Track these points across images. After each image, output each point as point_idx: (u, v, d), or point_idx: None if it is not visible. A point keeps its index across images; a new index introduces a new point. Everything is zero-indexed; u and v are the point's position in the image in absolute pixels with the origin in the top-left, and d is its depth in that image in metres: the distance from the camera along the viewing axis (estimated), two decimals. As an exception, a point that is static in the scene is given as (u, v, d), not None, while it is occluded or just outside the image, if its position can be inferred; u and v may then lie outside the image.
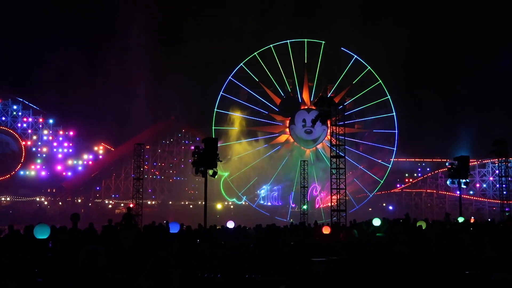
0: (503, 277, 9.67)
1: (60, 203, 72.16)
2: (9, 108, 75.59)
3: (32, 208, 70.01)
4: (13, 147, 74.44)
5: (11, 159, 73.79)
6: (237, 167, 64.45)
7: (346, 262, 7.90)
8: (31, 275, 8.41)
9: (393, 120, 65.23)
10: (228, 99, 64.09)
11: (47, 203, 72.18)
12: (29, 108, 76.84)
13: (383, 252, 9.38)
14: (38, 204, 71.56)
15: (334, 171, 29.98)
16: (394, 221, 26.49)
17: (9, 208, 69.32)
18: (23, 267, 6.80)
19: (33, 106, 76.95)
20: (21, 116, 76.13)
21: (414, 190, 78.08)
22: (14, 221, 36.16)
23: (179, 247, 15.96)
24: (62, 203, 72.25)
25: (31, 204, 71.15)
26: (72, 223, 17.66)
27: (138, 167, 36.36)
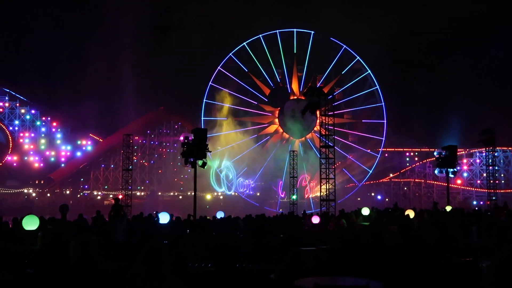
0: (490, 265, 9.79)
1: (48, 194, 71.77)
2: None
3: (20, 199, 69.59)
4: (0, 138, 73.75)
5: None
6: (227, 158, 64.43)
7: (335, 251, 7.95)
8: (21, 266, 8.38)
9: (382, 110, 65.53)
10: (218, 90, 63.94)
11: (35, 194, 71.76)
12: (16, 99, 76.08)
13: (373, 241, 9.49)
14: (26, 195, 71.10)
15: (323, 161, 30.08)
16: (383, 210, 26.73)
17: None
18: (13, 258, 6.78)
19: (20, 97, 76.19)
20: (8, 107, 75.37)
21: (403, 179, 78.61)
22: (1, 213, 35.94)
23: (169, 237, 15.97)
24: (50, 194, 71.87)
25: (19, 195, 70.70)
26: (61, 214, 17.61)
27: (127, 158, 36.28)
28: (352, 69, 66.31)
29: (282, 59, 65.96)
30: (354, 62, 65.77)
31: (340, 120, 62.41)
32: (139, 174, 76.34)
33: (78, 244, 5.21)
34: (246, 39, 64.48)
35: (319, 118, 32.54)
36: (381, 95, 65.29)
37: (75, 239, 5.28)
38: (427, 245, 8.34)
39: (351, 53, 65.64)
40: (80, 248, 5.19)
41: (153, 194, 74.93)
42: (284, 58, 66.03)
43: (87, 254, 5.18)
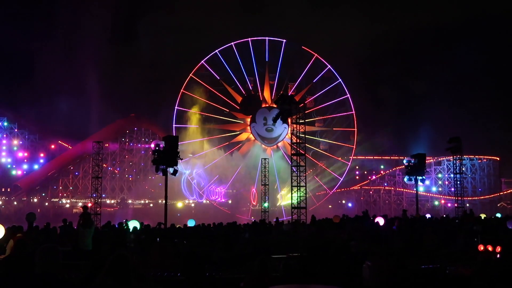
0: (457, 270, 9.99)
1: (15, 202, 70.17)
2: (-40, 104, 72.89)
3: (-15, 208, 67.91)
4: (-35, 145, 71.87)
5: (-37, 158, 71.24)
6: (198, 165, 64.17)
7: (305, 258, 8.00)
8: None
9: (352, 119, 66.30)
10: (189, 97, 63.66)
11: (1, 202, 70.07)
12: (-18, 104, 74.31)
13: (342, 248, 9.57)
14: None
15: (295, 168, 30.21)
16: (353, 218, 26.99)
17: (-40, 208, 67.02)
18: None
19: (-14, 103, 74.42)
20: (-27, 114, 73.54)
21: (373, 187, 79.58)
22: (-34, 221, 35.00)
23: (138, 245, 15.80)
24: (17, 202, 70.27)
25: (-16, 204, 68.98)
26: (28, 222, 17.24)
27: (97, 165, 35.76)
28: (324, 77, 66.97)
29: (254, 67, 66.18)
30: (325, 71, 66.45)
31: (312, 128, 62.95)
32: (109, 182, 75.29)
33: (43, 253, 5.13)
34: (218, 47, 64.56)
35: (291, 126, 32.70)
36: (351, 103, 66.13)
37: (40, 248, 5.20)
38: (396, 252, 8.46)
39: (322, 62, 66.36)
40: (45, 257, 5.11)
41: (123, 202, 73.99)
42: (256, 66, 66.27)
43: (52, 263, 5.10)
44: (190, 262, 7.21)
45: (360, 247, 9.20)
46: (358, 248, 8.95)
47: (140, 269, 5.74)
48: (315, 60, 66.14)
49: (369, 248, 10.08)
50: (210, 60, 64.49)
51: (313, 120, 66.31)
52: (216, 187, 65.58)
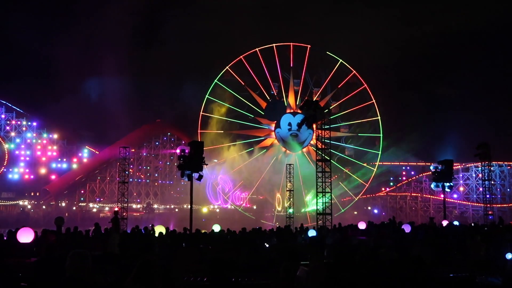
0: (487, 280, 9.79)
1: (44, 206, 71.40)
2: (-9, 110, 74.73)
3: (15, 212, 69.24)
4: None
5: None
6: (223, 171, 64.36)
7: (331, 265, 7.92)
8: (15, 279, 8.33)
9: (378, 124, 65.69)
10: (214, 102, 64.02)
11: (31, 206, 71.38)
12: (13, 110, 75.94)
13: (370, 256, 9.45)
14: (21, 207, 70.71)
15: (320, 174, 30.06)
16: (380, 224, 26.68)
17: (-9, 212, 68.50)
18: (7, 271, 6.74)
19: (16, 108, 76.06)
20: (4, 119, 75.20)
21: (399, 193, 78.58)
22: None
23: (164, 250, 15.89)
24: (45, 206, 71.49)
25: (14, 208, 70.32)
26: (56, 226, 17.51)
27: (123, 170, 36.18)
28: (348, 82, 66.58)
29: (278, 73, 66.23)
30: (350, 76, 66.09)
31: (337, 134, 62.59)
32: (135, 187, 76.14)
33: (74, 258, 5.21)
34: (243, 53, 64.82)
35: (316, 132, 32.56)
36: (377, 109, 65.56)
37: (71, 252, 5.28)
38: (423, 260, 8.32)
39: (347, 67, 66.01)
40: (76, 262, 5.19)
41: (149, 207, 74.69)
42: (281, 72, 66.31)
43: (82, 268, 5.18)
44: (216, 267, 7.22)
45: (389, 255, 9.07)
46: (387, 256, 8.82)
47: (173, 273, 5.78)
48: (340, 66, 65.86)
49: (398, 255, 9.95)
50: (235, 65, 64.80)
51: (338, 125, 65.93)
52: (241, 192, 65.68)
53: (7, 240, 15.84)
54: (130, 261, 9.36)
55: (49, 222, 37.15)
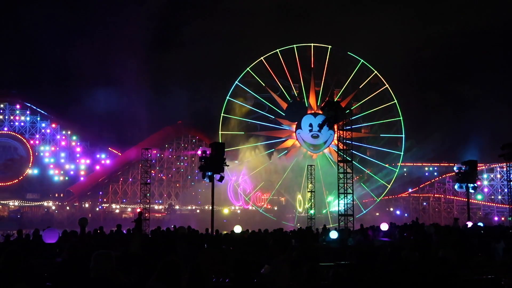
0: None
1: (68, 207, 72.46)
2: (17, 113, 76.11)
3: (40, 212, 70.42)
4: (21, 152, 74.89)
5: (19, 164, 74.24)
6: (244, 172, 64.39)
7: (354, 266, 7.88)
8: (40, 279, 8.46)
9: (400, 125, 65.00)
10: (235, 104, 64.12)
11: (55, 207, 72.51)
12: (37, 113, 77.30)
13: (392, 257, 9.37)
14: (46, 208, 71.91)
15: (341, 175, 29.86)
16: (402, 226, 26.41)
17: (17, 212, 69.77)
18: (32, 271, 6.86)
19: (41, 111, 77.42)
20: (29, 121, 76.56)
21: (422, 194, 77.75)
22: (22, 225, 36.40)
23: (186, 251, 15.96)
24: (69, 207, 72.55)
25: (38, 208, 71.54)
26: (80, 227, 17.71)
27: (145, 171, 36.46)
28: (370, 83, 66.08)
29: (299, 74, 66.01)
30: (371, 76, 65.59)
31: (358, 135, 62.07)
32: (157, 188, 76.76)
33: (99, 258, 5.28)
34: (264, 54, 64.80)
35: (337, 133, 32.40)
36: (399, 109, 64.91)
37: (95, 253, 5.35)
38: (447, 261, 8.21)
39: (368, 67, 65.52)
40: (100, 262, 5.25)
41: (171, 208, 75.22)
42: (301, 73, 66.07)
43: (107, 268, 5.24)
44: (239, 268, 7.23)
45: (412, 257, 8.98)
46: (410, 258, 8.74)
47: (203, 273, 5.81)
48: (361, 66, 65.40)
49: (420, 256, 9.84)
50: (256, 67, 64.79)
51: (359, 126, 65.45)
52: (262, 193, 65.68)
53: (33, 240, 16.11)
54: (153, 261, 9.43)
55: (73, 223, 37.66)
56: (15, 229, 21.41)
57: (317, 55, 66.02)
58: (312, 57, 66.01)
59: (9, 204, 70.75)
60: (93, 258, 5.31)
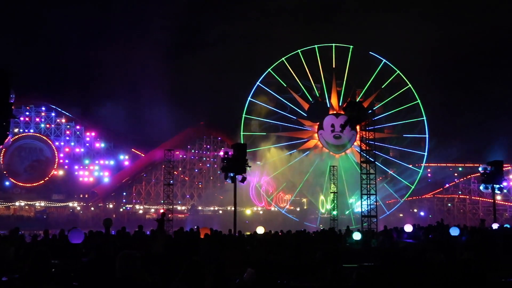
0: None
1: (92, 208, 73.40)
2: (43, 115, 77.41)
3: (65, 213, 71.52)
4: (47, 153, 76.09)
5: (45, 165, 75.45)
6: (266, 173, 64.36)
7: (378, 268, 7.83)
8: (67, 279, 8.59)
9: (423, 125, 64.14)
10: (257, 105, 64.13)
11: (80, 208, 73.52)
12: (62, 115, 78.50)
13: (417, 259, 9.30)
14: (71, 209, 72.98)
15: (364, 176, 29.66)
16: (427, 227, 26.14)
17: (43, 213, 70.95)
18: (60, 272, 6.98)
19: (65, 113, 78.60)
20: (54, 123, 77.80)
21: (446, 195, 76.75)
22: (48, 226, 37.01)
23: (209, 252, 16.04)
24: (94, 208, 73.48)
25: (64, 209, 72.64)
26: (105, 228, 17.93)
27: (168, 172, 36.76)
28: (392, 82, 65.34)
29: (320, 74, 65.71)
30: (394, 76, 64.89)
31: (381, 135, 61.33)
32: (179, 189, 77.26)
33: (124, 259, 5.34)
34: (285, 54, 64.71)
35: (359, 133, 32.14)
36: (422, 109, 64.10)
37: (121, 254, 5.41)
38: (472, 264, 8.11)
39: (391, 67, 64.86)
40: (126, 262, 5.31)
41: (193, 208, 75.64)
42: (323, 73, 65.73)
43: (133, 268, 5.30)
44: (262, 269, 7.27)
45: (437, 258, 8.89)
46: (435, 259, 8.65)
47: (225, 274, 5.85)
48: (384, 65, 64.78)
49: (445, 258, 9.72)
50: (277, 67, 64.72)
51: (382, 126, 64.75)
52: (284, 194, 65.58)
53: (59, 240, 16.37)
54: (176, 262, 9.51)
55: (98, 223, 38.18)
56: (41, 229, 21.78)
57: (338, 55, 65.63)
58: (333, 57, 65.66)
59: (35, 204, 71.97)
60: (119, 258, 5.37)
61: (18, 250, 14.00)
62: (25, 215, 69.66)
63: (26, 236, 20.29)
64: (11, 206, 71.34)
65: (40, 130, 76.69)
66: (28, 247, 15.17)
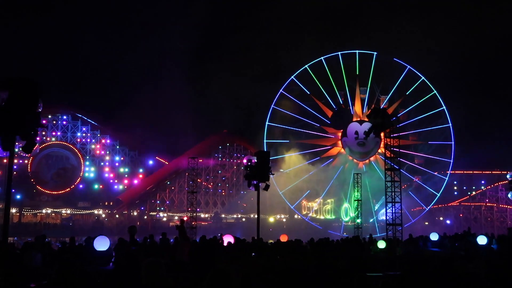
0: None
1: (117, 215, 74.18)
2: (69, 123, 78.72)
3: (90, 220, 72.45)
4: (73, 161, 77.29)
5: (71, 173, 76.62)
6: (289, 181, 64.14)
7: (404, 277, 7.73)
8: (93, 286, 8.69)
9: (449, 131, 63.19)
10: (280, 112, 64.07)
11: (105, 215, 74.38)
12: (88, 123, 79.73)
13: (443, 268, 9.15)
14: (96, 216, 73.88)
15: (389, 184, 29.37)
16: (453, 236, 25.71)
17: (69, 220, 72.01)
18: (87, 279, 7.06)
19: (91, 121, 79.81)
20: (80, 132, 79.04)
21: (473, 203, 75.41)
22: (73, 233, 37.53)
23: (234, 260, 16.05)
24: (118, 215, 74.25)
25: (89, 216, 73.60)
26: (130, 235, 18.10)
27: (192, 180, 36.95)
28: (417, 89, 64.57)
29: (344, 81, 65.39)
30: (419, 82, 64.16)
31: (406, 142, 60.76)
32: (203, 196, 77.56)
33: (149, 266, 5.38)
34: (308, 62, 64.58)
35: (384, 140, 31.89)
36: (448, 115, 63.17)
37: (146, 261, 5.46)
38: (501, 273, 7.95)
39: (415, 73, 64.14)
40: (151, 270, 5.36)
41: (216, 216, 75.85)
42: (347, 80, 65.39)
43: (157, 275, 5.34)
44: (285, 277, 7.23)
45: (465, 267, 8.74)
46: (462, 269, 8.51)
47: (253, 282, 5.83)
48: (408, 72, 64.10)
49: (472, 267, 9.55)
50: (300, 75, 64.62)
51: (407, 133, 64.07)
52: (308, 202, 65.29)
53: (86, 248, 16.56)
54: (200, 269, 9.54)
55: (122, 231, 38.57)
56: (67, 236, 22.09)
57: (362, 62, 65.24)
58: (357, 64, 65.30)
59: (61, 212, 73.08)
60: (144, 266, 5.42)
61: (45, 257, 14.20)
62: (51, 222, 70.79)
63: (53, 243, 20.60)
64: (38, 214, 72.58)
65: (66, 138, 77.96)
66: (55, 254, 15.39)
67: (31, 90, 11.87)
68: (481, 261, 12.66)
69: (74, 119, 79.14)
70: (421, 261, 10.08)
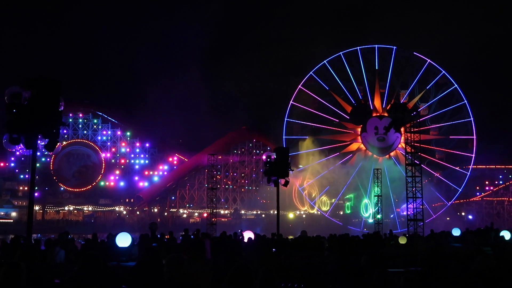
0: None
1: (138, 212, 74.93)
2: (89, 122, 79.65)
3: (112, 217, 73.32)
4: (94, 159, 78.24)
5: (92, 171, 77.60)
6: (309, 176, 64.01)
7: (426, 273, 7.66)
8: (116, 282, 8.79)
9: (471, 126, 62.31)
10: (299, 108, 63.90)
11: (126, 212, 75.18)
12: (108, 121, 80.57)
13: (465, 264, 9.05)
14: (117, 213, 74.73)
15: (410, 179, 29.13)
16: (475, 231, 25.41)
17: (91, 217, 72.96)
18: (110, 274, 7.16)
19: (111, 119, 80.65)
20: (101, 130, 79.94)
21: (496, 198, 74.38)
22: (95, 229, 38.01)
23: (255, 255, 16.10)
24: (139, 212, 74.99)
25: (111, 213, 74.47)
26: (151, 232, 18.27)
27: (212, 177, 37.12)
28: (438, 83, 63.83)
29: (363, 76, 64.90)
30: (439, 76, 63.37)
31: (426, 137, 60.04)
32: (222, 193, 77.84)
33: (171, 262, 5.44)
34: (327, 57, 64.24)
35: (404, 135, 31.61)
36: (469, 109, 62.29)
37: (168, 257, 5.52)
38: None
39: (436, 67, 63.36)
40: (173, 265, 5.41)
41: (236, 212, 76.08)
42: (366, 75, 64.89)
43: (180, 271, 5.39)
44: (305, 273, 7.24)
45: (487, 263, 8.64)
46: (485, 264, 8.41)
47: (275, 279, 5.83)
48: (428, 66, 63.34)
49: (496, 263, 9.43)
50: (319, 70, 64.34)
51: (427, 128, 63.35)
52: (327, 198, 65.08)
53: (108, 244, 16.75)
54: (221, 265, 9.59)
55: (143, 227, 38.92)
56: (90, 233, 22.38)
57: (381, 56, 64.68)
58: (376, 59, 64.73)
59: (83, 209, 74.09)
60: (166, 262, 5.47)
61: (69, 253, 14.40)
62: (74, 219, 71.80)
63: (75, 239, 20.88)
64: (61, 211, 73.66)
65: (88, 136, 78.90)
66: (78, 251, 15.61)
67: (53, 90, 12.04)
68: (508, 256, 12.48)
69: (95, 118, 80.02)
70: (443, 257, 9.99)
